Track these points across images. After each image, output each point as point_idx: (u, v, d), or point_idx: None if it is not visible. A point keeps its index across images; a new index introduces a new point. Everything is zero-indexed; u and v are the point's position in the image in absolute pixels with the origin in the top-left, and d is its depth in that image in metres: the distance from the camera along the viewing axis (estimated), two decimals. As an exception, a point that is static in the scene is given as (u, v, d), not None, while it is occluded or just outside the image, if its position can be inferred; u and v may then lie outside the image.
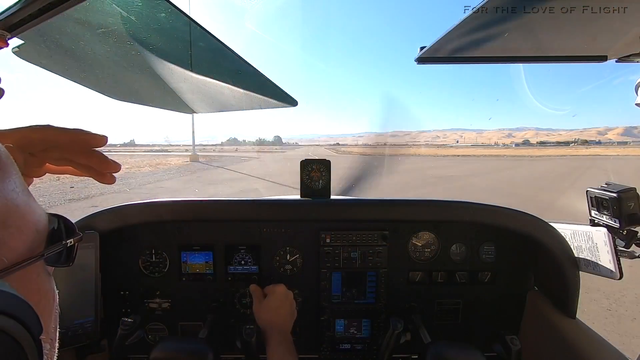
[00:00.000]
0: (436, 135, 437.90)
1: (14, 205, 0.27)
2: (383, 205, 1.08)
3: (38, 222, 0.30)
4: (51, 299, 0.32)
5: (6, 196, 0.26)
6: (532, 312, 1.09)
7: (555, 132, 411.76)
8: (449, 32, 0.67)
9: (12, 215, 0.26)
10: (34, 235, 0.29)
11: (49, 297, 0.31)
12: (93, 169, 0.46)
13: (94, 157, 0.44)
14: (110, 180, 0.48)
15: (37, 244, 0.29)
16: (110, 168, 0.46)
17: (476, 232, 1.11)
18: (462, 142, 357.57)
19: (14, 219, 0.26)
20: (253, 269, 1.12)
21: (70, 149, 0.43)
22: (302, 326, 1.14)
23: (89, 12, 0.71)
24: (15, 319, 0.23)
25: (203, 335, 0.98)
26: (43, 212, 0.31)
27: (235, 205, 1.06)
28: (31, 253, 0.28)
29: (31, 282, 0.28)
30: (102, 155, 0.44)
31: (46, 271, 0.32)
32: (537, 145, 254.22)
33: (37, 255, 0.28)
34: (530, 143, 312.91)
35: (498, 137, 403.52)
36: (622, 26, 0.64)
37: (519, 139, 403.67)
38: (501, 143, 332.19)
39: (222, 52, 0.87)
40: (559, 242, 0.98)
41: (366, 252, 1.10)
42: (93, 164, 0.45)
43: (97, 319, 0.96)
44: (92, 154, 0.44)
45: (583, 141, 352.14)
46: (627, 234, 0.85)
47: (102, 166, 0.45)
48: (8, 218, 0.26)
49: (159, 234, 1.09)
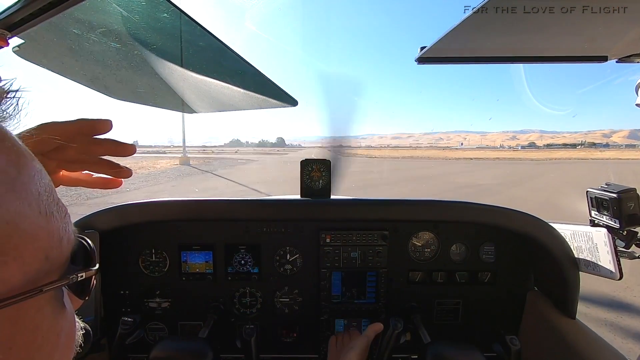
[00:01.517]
0: (439, 138, 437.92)
1: (20, 229, 0.22)
2: (383, 205, 1.08)
3: (51, 248, 0.24)
4: (62, 336, 0.27)
5: (8, 218, 0.21)
6: (531, 312, 1.09)
7: (559, 135, 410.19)
8: (449, 32, 0.67)
9: (11, 241, 0.21)
10: (41, 264, 0.23)
11: (54, 335, 0.26)
12: (107, 169, 0.46)
13: (106, 143, 0.44)
14: (127, 173, 0.47)
15: (43, 274, 0.24)
16: (127, 150, 0.45)
17: (476, 232, 1.11)
18: (467, 145, 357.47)
19: (13, 245, 0.21)
20: (253, 269, 1.12)
21: (80, 142, 0.42)
22: (302, 326, 1.14)
23: (89, 12, 0.71)
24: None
25: (203, 334, 0.98)
26: (65, 235, 0.26)
27: (235, 205, 1.06)
28: (34, 285, 0.23)
29: (26, 320, 0.23)
30: (114, 140, 0.44)
31: (57, 305, 0.26)
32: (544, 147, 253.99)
33: (34, 290, 0.23)
34: (537, 145, 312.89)
35: (502, 140, 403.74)
36: (622, 26, 0.64)
37: (523, 141, 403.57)
38: (507, 145, 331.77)
39: (223, 51, 0.87)
40: (559, 242, 0.98)
41: (366, 252, 1.10)
42: (107, 150, 0.44)
43: (97, 318, 0.96)
44: (104, 142, 0.44)
45: (590, 143, 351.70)
46: (627, 234, 0.85)
47: (117, 150, 0.44)
48: (5, 244, 0.21)
49: (159, 234, 1.10)
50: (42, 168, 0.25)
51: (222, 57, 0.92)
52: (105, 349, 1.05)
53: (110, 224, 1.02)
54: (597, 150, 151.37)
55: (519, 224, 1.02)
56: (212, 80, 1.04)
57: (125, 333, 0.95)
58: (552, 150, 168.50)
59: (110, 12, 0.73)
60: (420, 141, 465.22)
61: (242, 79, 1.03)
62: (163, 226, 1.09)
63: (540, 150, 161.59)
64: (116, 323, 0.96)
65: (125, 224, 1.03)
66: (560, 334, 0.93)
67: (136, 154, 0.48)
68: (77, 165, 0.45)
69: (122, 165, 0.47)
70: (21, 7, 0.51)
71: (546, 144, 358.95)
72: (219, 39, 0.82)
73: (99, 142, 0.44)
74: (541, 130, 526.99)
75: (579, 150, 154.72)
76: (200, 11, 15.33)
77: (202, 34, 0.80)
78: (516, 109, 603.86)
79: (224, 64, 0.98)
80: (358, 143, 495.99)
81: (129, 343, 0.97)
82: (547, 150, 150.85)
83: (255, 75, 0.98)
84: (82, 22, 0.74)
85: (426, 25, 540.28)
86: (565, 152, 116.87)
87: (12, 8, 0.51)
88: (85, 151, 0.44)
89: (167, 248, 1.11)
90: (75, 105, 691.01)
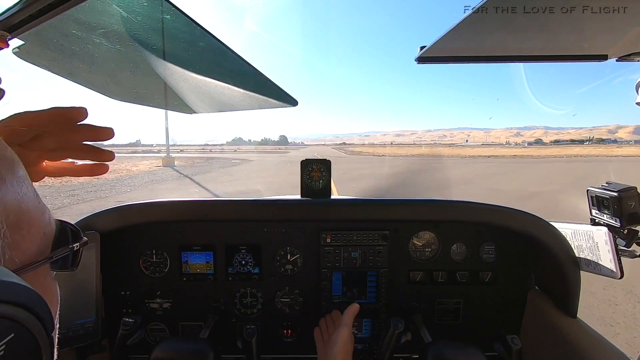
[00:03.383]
0: (443, 135, 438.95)
1: (26, 208, 0.28)
2: (383, 205, 1.08)
3: (46, 226, 0.31)
4: (55, 302, 0.32)
5: (19, 199, 0.27)
6: (532, 312, 1.09)
7: (564, 131, 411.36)
8: (449, 32, 0.67)
9: (23, 218, 0.27)
10: (42, 238, 0.30)
11: (53, 300, 0.32)
12: (88, 154, 0.45)
13: (83, 129, 0.44)
14: (110, 156, 0.47)
15: (44, 247, 0.30)
16: (104, 134, 0.45)
17: (477, 231, 1.11)
18: (471, 142, 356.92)
19: (25, 222, 0.27)
20: (254, 269, 1.12)
21: (55, 130, 0.42)
22: (302, 326, 1.14)
23: (89, 13, 0.71)
24: (33, 314, 0.24)
25: (204, 335, 0.98)
26: (51, 217, 0.32)
27: (235, 205, 1.06)
28: (40, 256, 0.29)
29: (39, 284, 0.28)
30: (91, 125, 0.44)
31: (51, 275, 0.32)
32: (551, 144, 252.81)
33: (47, 258, 0.30)
34: (544, 142, 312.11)
35: (506, 136, 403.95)
36: (622, 25, 0.64)
37: (528, 137, 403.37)
38: (513, 142, 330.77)
39: (223, 52, 0.87)
40: (560, 241, 0.98)
41: (367, 252, 1.10)
42: (85, 136, 0.44)
43: (98, 319, 0.96)
44: (81, 127, 0.43)
45: (599, 139, 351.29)
46: (628, 233, 0.85)
47: (94, 135, 0.44)
48: (20, 220, 0.27)
49: (160, 234, 1.10)
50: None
51: (222, 57, 0.92)
52: (107, 349, 1.05)
53: (110, 225, 1.02)
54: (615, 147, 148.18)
55: (520, 223, 1.02)
56: (212, 81, 1.04)
57: (126, 334, 0.95)
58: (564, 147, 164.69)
59: (110, 13, 0.73)
60: (424, 138, 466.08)
61: (242, 79, 1.03)
62: (164, 227, 1.09)
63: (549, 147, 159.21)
64: (117, 324, 0.96)
65: (126, 225, 1.03)
66: (561, 333, 0.93)
67: (125, 154, 0.47)
68: (57, 154, 0.45)
69: (104, 149, 0.47)
70: (21, 8, 0.51)
71: (553, 140, 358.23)
72: (219, 39, 0.82)
73: (76, 128, 0.43)
74: (545, 126, 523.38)
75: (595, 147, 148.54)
76: (200, 11, 15.13)
77: (202, 35, 0.80)
78: (517, 106, 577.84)
79: (224, 64, 0.98)
80: (361, 141, 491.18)
81: (130, 344, 0.97)
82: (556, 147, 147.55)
83: (255, 76, 0.98)
84: (82, 23, 0.74)
85: (426, 25, 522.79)
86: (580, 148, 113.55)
87: (12, 9, 0.51)
88: (63, 139, 0.44)
89: (168, 249, 1.11)
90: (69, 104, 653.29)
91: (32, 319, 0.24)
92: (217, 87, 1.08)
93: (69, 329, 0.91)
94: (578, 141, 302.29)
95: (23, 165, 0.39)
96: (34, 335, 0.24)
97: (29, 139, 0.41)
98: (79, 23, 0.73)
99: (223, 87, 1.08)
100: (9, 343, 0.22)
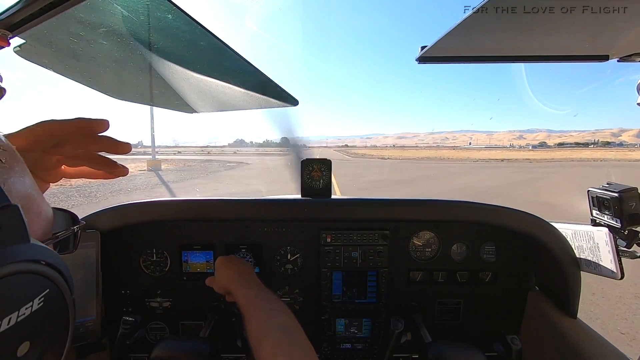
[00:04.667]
0: (445, 137, 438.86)
1: (32, 195, 0.32)
2: (383, 204, 1.08)
3: (47, 212, 0.35)
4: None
5: (25, 186, 0.31)
6: (533, 312, 1.09)
7: (567, 134, 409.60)
8: (450, 32, 0.67)
9: (31, 203, 0.31)
10: (45, 222, 0.34)
11: None
12: (106, 163, 0.47)
13: (103, 141, 0.45)
14: (124, 171, 0.49)
15: (47, 231, 0.34)
16: (122, 149, 0.46)
17: (477, 231, 1.11)
18: (475, 144, 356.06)
19: (33, 207, 0.32)
20: (254, 268, 1.12)
21: (77, 139, 0.44)
22: (302, 326, 1.14)
23: (90, 12, 0.71)
24: (62, 276, 0.29)
25: (204, 334, 0.98)
26: (49, 205, 0.36)
27: (236, 204, 1.06)
28: (44, 238, 0.33)
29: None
30: (111, 138, 0.45)
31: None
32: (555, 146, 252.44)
33: (51, 238, 0.35)
34: (548, 145, 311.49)
35: (509, 139, 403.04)
36: (623, 26, 0.64)
37: (531, 140, 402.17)
38: (517, 145, 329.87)
39: (223, 51, 0.87)
40: (560, 242, 0.98)
41: (367, 251, 1.10)
42: (104, 147, 0.45)
43: (98, 318, 0.96)
44: (101, 139, 0.45)
45: (604, 142, 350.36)
46: (629, 233, 0.85)
47: (112, 148, 0.46)
48: (29, 204, 0.31)
49: (160, 233, 1.10)
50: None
51: (223, 56, 0.92)
52: (107, 348, 1.05)
53: (111, 224, 1.02)
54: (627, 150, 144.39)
55: (520, 223, 1.02)
56: (212, 80, 1.04)
57: (126, 333, 0.95)
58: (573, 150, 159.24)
59: (110, 12, 0.73)
60: (426, 140, 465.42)
61: (242, 79, 1.03)
62: (164, 226, 1.10)
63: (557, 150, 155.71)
64: (117, 323, 0.97)
65: (126, 224, 1.03)
66: (562, 334, 0.93)
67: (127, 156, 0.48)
68: (76, 162, 0.47)
69: (119, 164, 0.48)
70: (22, 7, 0.51)
71: (557, 143, 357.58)
72: (219, 38, 0.82)
73: (97, 139, 0.45)
74: (548, 129, 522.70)
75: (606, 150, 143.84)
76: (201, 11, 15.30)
77: (203, 34, 0.80)
78: (517, 108, 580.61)
79: (225, 64, 0.98)
80: (363, 143, 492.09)
81: (130, 343, 0.97)
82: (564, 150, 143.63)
83: (256, 75, 0.98)
84: (83, 22, 0.74)
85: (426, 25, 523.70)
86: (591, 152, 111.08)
87: (13, 8, 0.51)
88: (82, 148, 0.45)
89: (168, 248, 1.11)
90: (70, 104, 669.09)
91: (61, 280, 0.28)
92: (217, 86, 1.08)
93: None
94: (583, 144, 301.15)
95: (43, 168, 0.43)
96: (63, 294, 0.28)
97: (51, 146, 0.43)
98: (80, 22, 0.73)
99: (224, 87, 1.08)
100: (46, 297, 0.26)
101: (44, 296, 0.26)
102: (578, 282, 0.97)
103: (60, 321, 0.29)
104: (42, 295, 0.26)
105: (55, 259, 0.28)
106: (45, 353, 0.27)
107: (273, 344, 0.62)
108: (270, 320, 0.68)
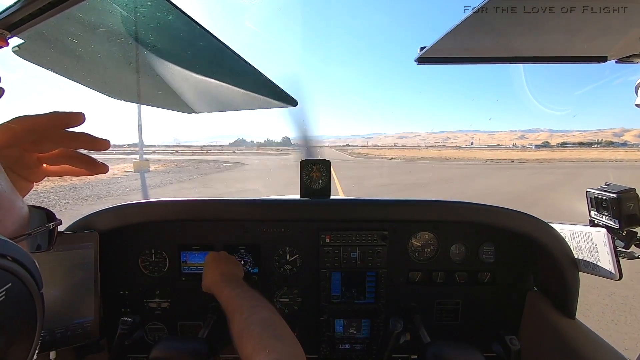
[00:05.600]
0: (446, 137, 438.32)
1: (3, 192, 0.33)
2: (383, 205, 1.08)
3: (22, 209, 0.36)
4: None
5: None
6: (531, 313, 1.09)
7: (568, 134, 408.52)
8: (449, 32, 0.67)
9: (3, 199, 0.32)
10: (20, 219, 0.35)
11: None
12: (85, 161, 0.46)
13: (81, 138, 0.45)
14: (104, 169, 0.48)
15: (22, 227, 0.35)
16: (100, 145, 0.46)
17: (476, 232, 1.11)
18: (477, 144, 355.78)
19: (4, 203, 0.33)
20: (253, 269, 1.12)
21: (55, 135, 0.43)
22: (301, 326, 1.14)
23: (89, 12, 0.71)
24: (27, 270, 0.29)
25: (203, 335, 0.98)
26: (24, 203, 0.37)
27: (234, 205, 1.06)
28: (18, 234, 0.34)
29: None
30: (89, 135, 0.45)
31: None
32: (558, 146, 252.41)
33: (26, 234, 0.36)
34: (550, 145, 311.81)
35: (510, 139, 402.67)
36: (622, 27, 0.64)
37: (533, 140, 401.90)
38: (519, 145, 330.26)
39: (222, 51, 0.87)
40: (559, 242, 0.98)
41: (366, 252, 1.10)
42: (82, 144, 0.45)
43: (96, 318, 0.96)
44: (79, 136, 0.44)
45: (608, 142, 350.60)
46: (627, 234, 0.86)
47: (90, 144, 0.45)
48: (1, 201, 0.32)
49: (159, 234, 1.09)
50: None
51: (222, 57, 0.92)
52: (105, 349, 1.05)
53: (109, 224, 1.02)
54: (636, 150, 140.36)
55: (519, 224, 1.03)
56: (212, 80, 1.04)
57: (124, 333, 0.95)
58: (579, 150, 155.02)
59: (110, 12, 0.73)
60: (428, 140, 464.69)
61: (242, 79, 1.03)
62: (162, 226, 1.09)
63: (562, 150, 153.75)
64: (116, 323, 0.96)
65: (125, 224, 1.03)
66: (560, 334, 0.93)
67: (121, 155, 0.47)
68: (56, 160, 0.46)
69: (99, 162, 0.48)
70: (21, 7, 0.51)
71: (559, 142, 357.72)
72: (218, 38, 0.81)
73: (74, 136, 0.44)
74: (550, 129, 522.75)
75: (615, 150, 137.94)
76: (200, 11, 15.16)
77: (202, 34, 0.80)
78: (518, 108, 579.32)
79: (224, 64, 0.98)
80: (364, 142, 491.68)
81: (128, 343, 0.97)
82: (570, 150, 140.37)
83: (255, 75, 0.98)
84: (82, 22, 0.74)
85: (426, 25, 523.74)
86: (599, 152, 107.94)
87: (12, 8, 0.51)
88: (61, 144, 0.45)
89: (167, 248, 1.10)
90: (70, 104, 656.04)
91: (26, 274, 0.28)
92: (216, 86, 1.08)
93: (68, 328, 0.90)
94: (586, 144, 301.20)
95: (24, 166, 0.43)
96: (27, 288, 0.29)
97: (30, 142, 0.42)
98: (79, 22, 0.73)
99: (223, 87, 1.08)
100: (8, 290, 0.27)
101: (6, 290, 0.27)
102: (576, 282, 0.97)
103: (25, 315, 0.29)
104: (4, 289, 0.26)
105: (20, 253, 0.28)
106: (10, 346, 0.27)
107: (254, 339, 0.61)
108: (252, 317, 0.68)
